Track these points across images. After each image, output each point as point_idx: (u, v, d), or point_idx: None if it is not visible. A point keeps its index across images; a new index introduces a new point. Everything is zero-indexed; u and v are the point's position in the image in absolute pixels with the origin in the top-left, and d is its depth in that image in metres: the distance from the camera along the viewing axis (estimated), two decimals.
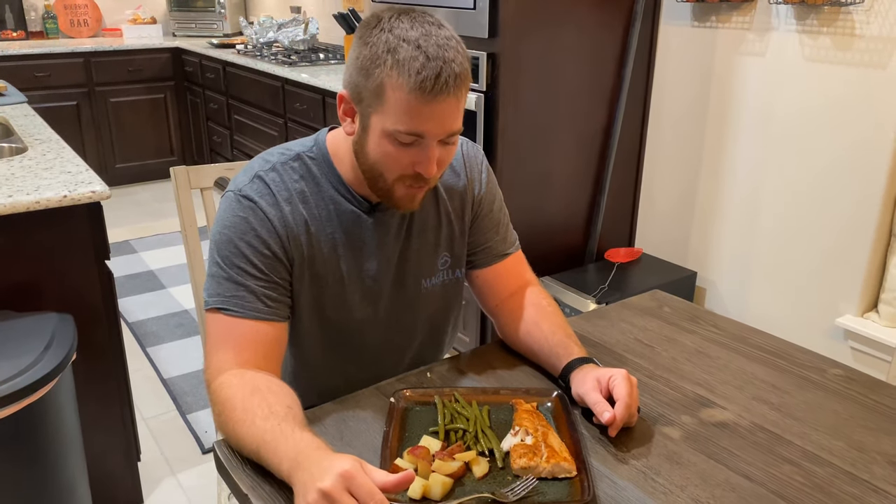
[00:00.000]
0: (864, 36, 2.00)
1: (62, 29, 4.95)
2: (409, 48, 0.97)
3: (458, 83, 0.99)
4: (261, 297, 1.07)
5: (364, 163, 1.08)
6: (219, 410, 1.00)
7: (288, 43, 4.13)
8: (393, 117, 1.00)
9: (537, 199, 2.51)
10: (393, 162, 1.04)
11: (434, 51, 0.97)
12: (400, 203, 1.10)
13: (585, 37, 2.41)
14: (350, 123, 1.08)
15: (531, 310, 1.22)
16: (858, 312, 2.16)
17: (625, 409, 0.99)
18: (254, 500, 0.89)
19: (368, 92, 1.01)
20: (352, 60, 1.03)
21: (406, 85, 0.97)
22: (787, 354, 1.25)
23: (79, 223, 1.72)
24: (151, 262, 3.71)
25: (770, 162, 2.30)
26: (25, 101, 2.73)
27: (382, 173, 1.06)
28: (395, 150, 1.03)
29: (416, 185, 1.07)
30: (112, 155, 4.77)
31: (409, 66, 0.96)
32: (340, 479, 0.79)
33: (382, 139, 1.02)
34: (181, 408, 2.49)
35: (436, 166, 1.04)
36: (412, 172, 1.05)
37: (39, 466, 1.48)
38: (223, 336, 1.06)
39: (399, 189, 1.07)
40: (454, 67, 0.98)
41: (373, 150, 1.05)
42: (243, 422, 0.95)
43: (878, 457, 0.99)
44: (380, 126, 1.02)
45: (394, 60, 0.97)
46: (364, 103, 1.03)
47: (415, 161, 1.03)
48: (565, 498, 0.88)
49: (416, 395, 1.07)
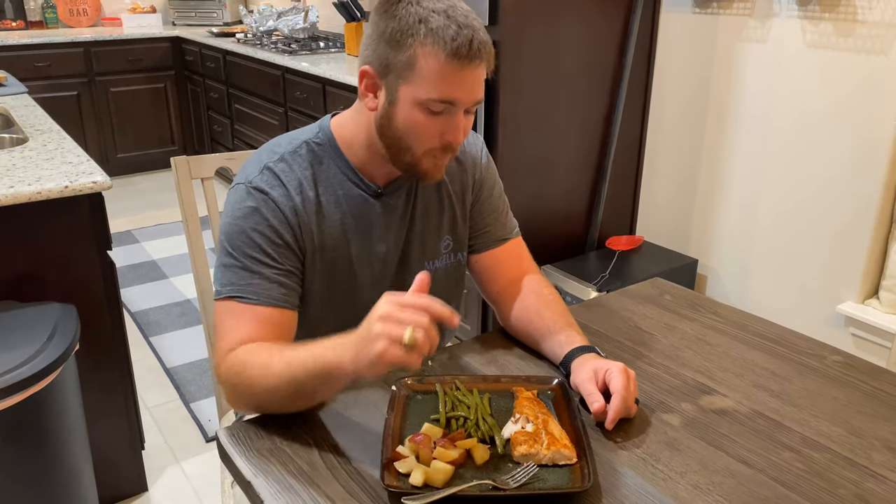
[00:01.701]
0: (865, 22, 1.99)
1: (61, 18, 4.93)
2: (440, 18, 1.01)
3: (487, 50, 1.05)
4: (275, 283, 1.08)
5: (390, 136, 1.09)
6: (235, 381, 1.01)
7: (288, 31, 4.11)
8: (426, 86, 1.02)
9: (538, 186, 2.51)
10: (422, 132, 1.06)
11: (463, 20, 1.02)
12: (427, 174, 1.11)
13: (586, 24, 2.40)
14: (372, 99, 1.09)
15: (532, 298, 1.23)
16: (859, 299, 2.16)
17: (620, 403, 0.99)
18: (257, 487, 0.90)
19: (399, 63, 1.03)
20: (376, 35, 1.05)
21: (442, 52, 1.00)
22: (786, 341, 1.26)
23: (80, 213, 1.72)
24: (153, 252, 3.71)
25: (771, 149, 2.30)
26: (26, 92, 2.72)
27: (411, 146, 1.08)
28: (426, 120, 1.05)
29: (443, 155, 1.10)
30: (113, 145, 4.77)
31: (444, 33, 1.00)
32: (394, 306, 0.86)
33: (413, 109, 1.04)
34: (184, 396, 2.50)
35: (462, 135, 1.08)
36: (439, 144, 1.07)
37: (44, 455, 1.49)
38: (235, 321, 1.07)
39: (426, 161, 1.09)
40: (482, 35, 1.04)
41: (402, 122, 1.06)
42: (267, 366, 0.98)
43: (876, 442, 0.99)
44: (411, 96, 1.04)
45: (427, 29, 1.01)
46: (392, 75, 1.04)
47: (443, 130, 1.06)
48: (566, 484, 0.89)
49: (418, 383, 1.08)
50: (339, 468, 0.93)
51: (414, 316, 0.86)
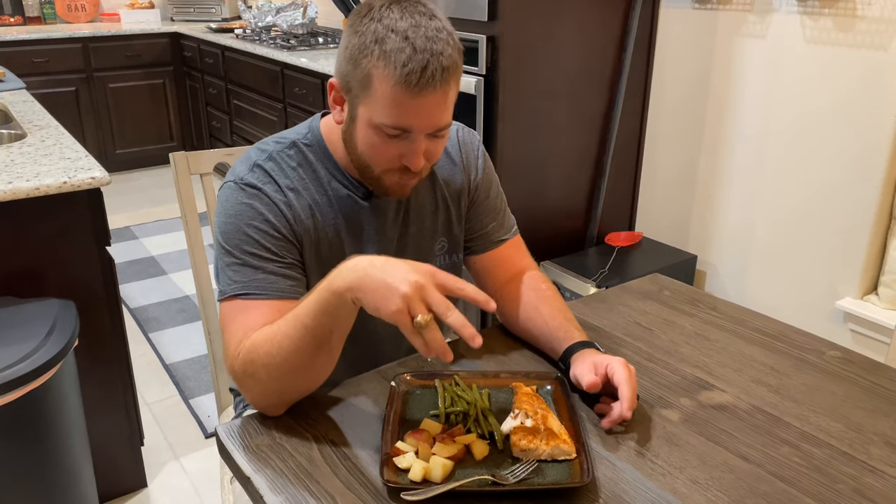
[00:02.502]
0: (865, 17, 1.99)
1: (59, 14, 4.92)
2: (396, 39, 0.95)
3: (445, 77, 0.97)
4: (280, 276, 1.06)
5: (352, 152, 1.08)
6: (251, 370, 0.97)
7: (287, 27, 4.11)
8: (379, 110, 0.99)
9: (537, 182, 2.51)
10: (379, 154, 1.03)
11: (422, 43, 0.96)
12: (390, 191, 1.10)
13: (586, 19, 2.40)
14: (339, 112, 1.07)
15: (531, 294, 1.23)
16: (858, 295, 2.16)
17: (630, 391, 0.97)
18: (256, 483, 0.90)
19: (356, 82, 1.00)
20: (342, 49, 1.03)
21: (391, 77, 0.96)
22: (785, 337, 1.26)
23: (79, 209, 1.72)
24: (152, 248, 3.71)
25: (770, 145, 2.30)
26: (24, 88, 2.72)
27: (370, 165, 1.06)
28: (382, 143, 1.02)
29: (406, 177, 1.07)
30: (111, 141, 4.76)
31: (396, 57, 0.95)
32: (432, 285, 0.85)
33: (369, 130, 1.02)
34: (184, 393, 2.50)
35: (423, 159, 1.04)
36: (399, 165, 1.04)
37: (43, 452, 1.49)
38: (244, 318, 1.02)
39: (388, 179, 1.07)
40: (442, 61, 0.96)
41: (360, 141, 1.04)
42: (274, 334, 0.96)
43: (875, 438, 0.99)
44: (367, 117, 1.01)
45: (381, 51, 0.96)
46: (352, 93, 1.02)
47: (402, 154, 1.03)
48: (565, 479, 0.89)
49: (417, 378, 1.08)
50: (339, 464, 0.93)
51: (441, 308, 0.85)
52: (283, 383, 0.98)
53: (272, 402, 1.00)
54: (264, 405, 1.01)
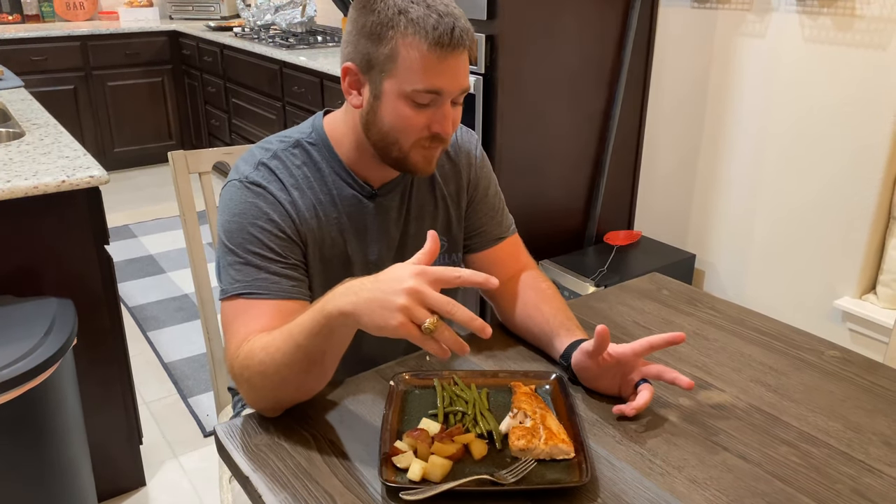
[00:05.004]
0: (864, 16, 1.99)
1: (58, 12, 4.91)
2: (419, 8, 1.00)
3: (470, 37, 1.03)
4: (283, 277, 1.06)
5: (377, 132, 1.08)
6: (247, 375, 0.97)
7: (285, 25, 4.10)
8: (411, 77, 1.01)
9: (536, 181, 2.51)
10: (409, 125, 1.05)
11: (443, 8, 1.01)
12: (417, 167, 1.10)
13: (585, 18, 2.40)
14: (356, 96, 1.08)
15: (531, 293, 1.23)
16: (857, 294, 2.16)
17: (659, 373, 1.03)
18: (255, 482, 0.90)
19: (381, 57, 1.02)
20: (356, 31, 1.04)
21: (424, 42, 1.00)
22: (784, 336, 1.26)
23: (78, 208, 1.72)
24: (151, 247, 3.71)
25: (769, 144, 2.30)
26: (22, 86, 2.71)
27: (398, 140, 1.06)
28: (412, 113, 1.04)
29: (433, 146, 1.08)
30: (110, 139, 4.75)
31: (425, 23, 1.00)
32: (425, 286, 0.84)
33: (398, 102, 1.03)
34: (182, 391, 2.50)
35: (451, 125, 1.06)
36: (428, 134, 1.06)
37: (42, 450, 1.49)
38: (246, 317, 1.03)
39: (415, 154, 1.08)
40: (463, 23, 1.02)
41: (388, 117, 1.05)
42: (269, 344, 0.95)
43: (873, 437, 0.99)
44: (395, 89, 1.03)
45: (407, 20, 1.00)
46: (376, 69, 1.03)
47: (431, 121, 1.05)
48: (564, 479, 0.89)
49: (416, 378, 1.08)
50: (337, 463, 0.93)
51: (443, 307, 0.83)
52: (276, 392, 0.98)
53: (268, 405, 1.01)
54: (260, 408, 1.02)
